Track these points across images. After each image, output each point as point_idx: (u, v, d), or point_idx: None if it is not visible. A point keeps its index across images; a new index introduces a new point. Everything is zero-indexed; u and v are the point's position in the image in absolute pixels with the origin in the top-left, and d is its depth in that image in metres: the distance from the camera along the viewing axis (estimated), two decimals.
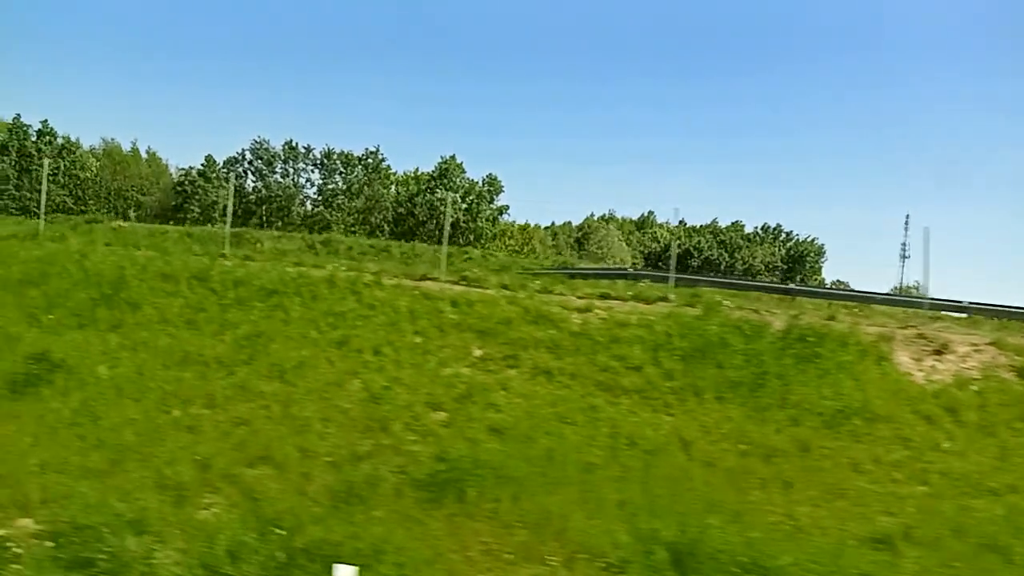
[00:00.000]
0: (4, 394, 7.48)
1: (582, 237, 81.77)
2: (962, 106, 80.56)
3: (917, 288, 69.76)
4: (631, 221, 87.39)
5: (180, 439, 6.89)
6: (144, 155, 67.14)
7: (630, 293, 11.53)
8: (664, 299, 11.48)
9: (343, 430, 7.38)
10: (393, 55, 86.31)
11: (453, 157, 70.90)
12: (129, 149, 66.02)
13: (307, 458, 6.73)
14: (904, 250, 73.00)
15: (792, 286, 20.70)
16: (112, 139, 65.39)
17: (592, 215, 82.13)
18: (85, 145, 62.98)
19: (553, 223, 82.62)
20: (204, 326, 9.27)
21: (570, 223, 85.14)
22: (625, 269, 25.22)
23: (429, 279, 11.78)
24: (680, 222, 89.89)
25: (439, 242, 68.90)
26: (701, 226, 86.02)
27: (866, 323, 10.97)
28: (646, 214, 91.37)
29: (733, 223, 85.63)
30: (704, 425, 8.30)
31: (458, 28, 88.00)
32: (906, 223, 74.07)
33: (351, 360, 8.71)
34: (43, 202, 17.50)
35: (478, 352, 9.27)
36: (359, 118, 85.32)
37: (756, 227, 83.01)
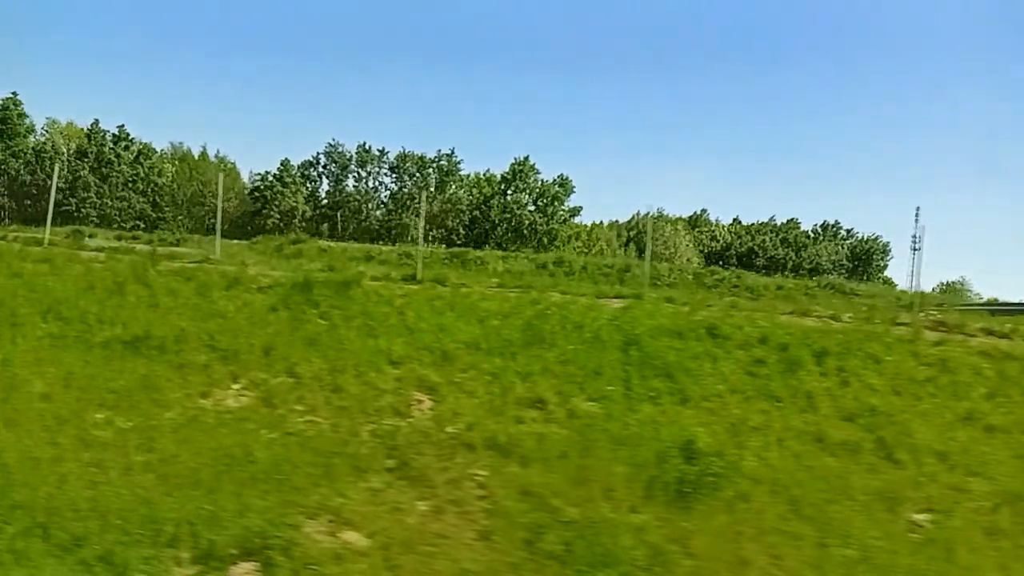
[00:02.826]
0: (677, 503, 5.94)
1: (635, 236, 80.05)
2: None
3: (962, 284, 67.98)
4: (683, 219, 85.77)
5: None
6: (213, 159, 65.76)
7: None
8: None
9: None
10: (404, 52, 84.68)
11: (527, 158, 69.38)
12: (198, 153, 64.66)
13: None
14: (915, 242, 71.17)
15: None
16: (180, 143, 63.95)
17: (638, 212, 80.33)
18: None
19: (601, 221, 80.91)
20: (788, 399, 7.66)
21: (616, 221, 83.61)
22: None
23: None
24: (734, 220, 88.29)
25: (515, 245, 66.76)
26: (761, 223, 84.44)
27: None
28: (699, 212, 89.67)
29: (789, 220, 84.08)
30: None
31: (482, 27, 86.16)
32: (916, 215, 72.22)
33: (1013, 445, 7.11)
34: (421, 235, 14.57)
35: None
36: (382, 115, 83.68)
37: (815, 224, 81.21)
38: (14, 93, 51.99)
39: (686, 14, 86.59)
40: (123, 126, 55.09)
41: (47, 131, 56.26)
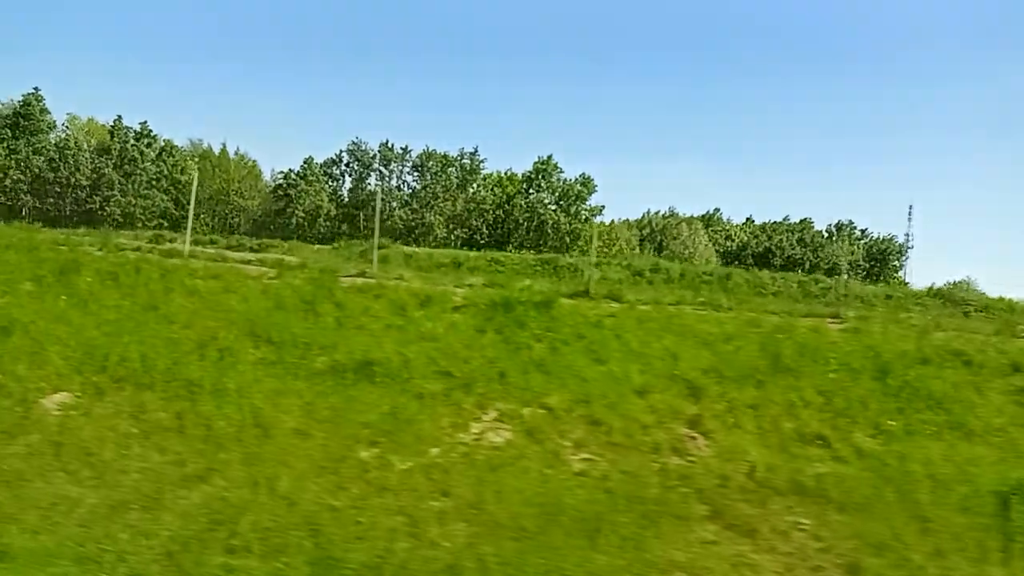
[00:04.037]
0: None
1: (649, 236, 79.56)
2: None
3: (968, 283, 68.15)
4: (697, 219, 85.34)
5: None
6: (232, 156, 64.98)
7: None
8: None
9: None
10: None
11: (550, 157, 68.89)
12: (218, 151, 63.88)
13: None
14: (908, 240, 71.59)
15: None
16: (199, 140, 63.17)
17: (649, 211, 79.81)
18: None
19: (612, 220, 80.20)
20: None
21: (627, 219, 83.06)
22: None
23: None
24: (747, 219, 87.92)
25: (538, 245, 66.30)
26: (775, 223, 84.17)
27: None
28: (711, 211, 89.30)
29: (802, 220, 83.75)
30: None
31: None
32: (909, 213, 72.34)
33: None
34: (594, 249, 14.06)
35: None
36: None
37: (829, 224, 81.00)
38: (36, 88, 51.02)
39: (693, 14, 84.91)
40: (145, 122, 54.19)
41: (68, 127, 55.28)
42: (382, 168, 64.78)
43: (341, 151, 62.88)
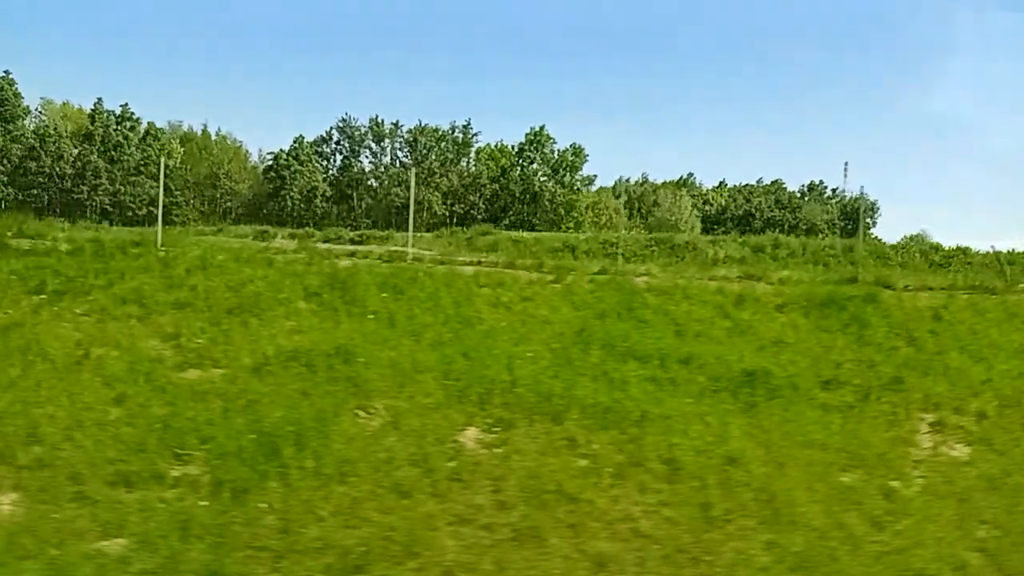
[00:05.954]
0: None
1: (626, 204, 79.38)
2: None
3: (923, 237, 70.78)
4: (672, 183, 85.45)
5: None
6: (214, 137, 62.16)
7: None
8: None
9: None
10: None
11: (542, 128, 67.84)
12: (200, 132, 60.97)
13: None
14: (839, 192, 74.64)
15: None
16: (179, 121, 60.03)
17: (621, 177, 79.54)
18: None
19: (589, 188, 79.56)
20: None
21: (602, 187, 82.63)
22: None
23: None
24: (720, 183, 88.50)
25: (533, 217, 65.13)
26: (750, 185, 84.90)
27: None
28: (685, 176, 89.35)
29: (774, 181, 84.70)
30: None
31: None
32: (845, 169, 74.94)
33: None
34: (861, 235, 13.17)
35: None
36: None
37: (801, 185, 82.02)
38: (7, 72, 47.31)
39: None
40: (126, 105, 51.01)
41: (42, 112, 51.69)
42: (373, 144, 62.76)
43: (331, 128, 60.57)
